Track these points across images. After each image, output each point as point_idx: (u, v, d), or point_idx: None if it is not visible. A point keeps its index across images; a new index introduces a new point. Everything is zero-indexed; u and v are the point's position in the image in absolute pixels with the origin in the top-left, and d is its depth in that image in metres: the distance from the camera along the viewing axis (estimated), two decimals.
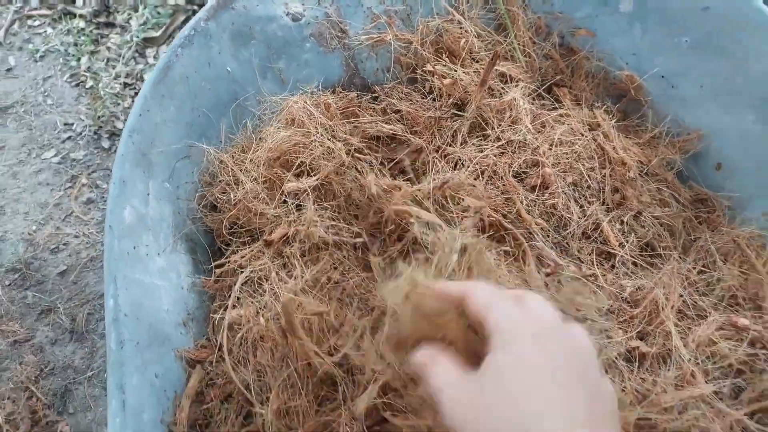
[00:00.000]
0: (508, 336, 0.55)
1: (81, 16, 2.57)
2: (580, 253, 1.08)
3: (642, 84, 1.24)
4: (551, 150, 1.13)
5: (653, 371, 0.95)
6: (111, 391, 0.86)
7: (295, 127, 1.12)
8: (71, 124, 2.35)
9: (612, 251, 1.08)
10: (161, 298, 0.99)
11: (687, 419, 0.87)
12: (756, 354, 0.96)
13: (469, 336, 0.62)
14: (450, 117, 1.19)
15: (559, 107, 1.23)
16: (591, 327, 0.80)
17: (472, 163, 1.10)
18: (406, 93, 1.24)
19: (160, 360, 0.94)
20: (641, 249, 1.11)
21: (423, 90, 1.25)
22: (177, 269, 1.06)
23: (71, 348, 1.89)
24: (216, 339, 1.00)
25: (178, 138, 1.10)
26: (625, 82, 1.25)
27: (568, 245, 1.08)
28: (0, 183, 2.18)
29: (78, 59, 2.49)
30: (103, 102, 2.31)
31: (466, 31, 1.24)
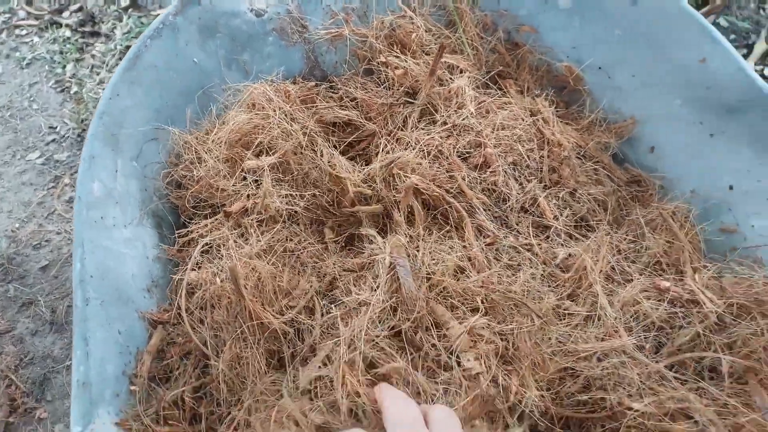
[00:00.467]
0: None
1: (67, 25, 2.66)
2: (518, 226, 1.16)
3: (580, 75, 1.34)
4: (494, 133, 1.22)
5: (582, 329, 1.03)
6: (76, 343, 0.94)
7: (256, 111, 1.20)
8: (55, 127, 2.43)
9: (548, 223, 1.16)
10: (126, 263, 1.07)
11: (605, 367, 0.95)
12: (675, 312, 1.04)
13: None
14: (402, 104, 1.28)
15: (504, 96, 1.32)
16: None
17: (419, 144, 1.19)
18: (362, 83, 1.33)
19: (123, 318, 1.02)
20: (576, 223, 1.20)
21: (378, 80, 1.34)
22: (143, 240, 1.14)
23: (51, 339, 1.95)
24: (178, 304, 1.07)
25: (145, 121, 1.19)
26: (565, 73, 1.35)
27: (507, 218, 1.17)
28: None
29: (63, 66, 2.58)
30: (87, 106, 2.40)
31: (417, 26, 1.33)
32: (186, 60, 1.27)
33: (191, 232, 1.14)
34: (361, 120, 1.26)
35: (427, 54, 1.33)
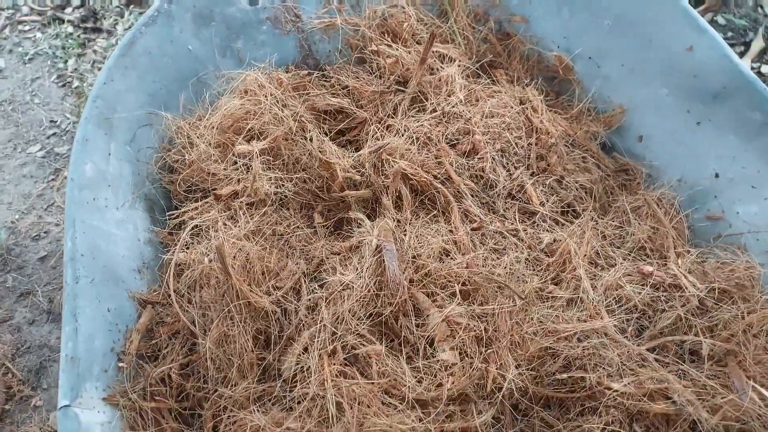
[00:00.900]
0: None
1: (69, 21, 2.69)
2: (505, 211, 1.17)
3: (570, 64, 1.35)
4: (482, 120, 1.23)
5: (564, 311, 1.04)
6: (65, 319, 0.95)
7: (248, 97, 1.22)
8: (56, 121, 2.45)
9: (534, 209, 1.17)
10: (117, 244, 1.09)
11: (586, 347, 0.96)
12: (658, 296, 1.05)
13: None
14: (393, 92, 1.30)
15: (495, 86, 1.33)
16: None
17: (408, 131, 1.21)
18: (354, 72, 1.35)
19: (113, 297, 1.03)
20: (563, 209, 1.21)
21: (370, 69, 1.36)
22: (135, 223, 1.15)
23: (48, 328, 1.97)
24: (167, 284, 1.09)
25: (139, 105, 1.21)
26: (555, 63, 1.37)
27: (494, 204, 1.18)
28: None
29: (65, 61, 2.60)
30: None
31: (409, 16, 1.35)
32: (180, 47, 1.29)
33: (182, 214, 1.15)
34: (353, 107, 1.28)
35: (419, 43, 1.35)
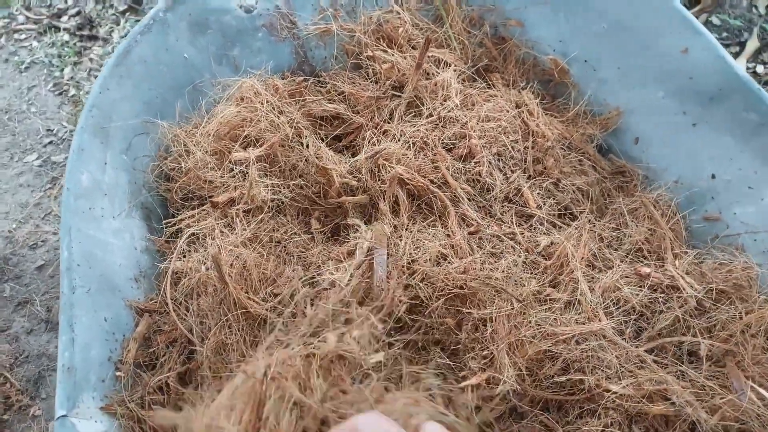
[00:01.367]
0: None
1: (65, 29, 2.69)
2: (502, 215, 1.17)
3: (566, 67, 1.36)
4: (478, 124, 1.23)
5: (562, 314, 1.04)
6: (62, 329, 0.95)
7: (244, 104, 1.22)
8: (53, 130, 2.46)
9: (531, 213, 1.17)
10: (114, 253, 1.08)
11: (584, 350, 0.96)
12: (656, 298, 1.05)
13: None
14: (389, 97, 1.30)
15: (490, 89, 1.33)
16: None
17: (405, 136, 1.21)
18: (350, 77, 1.35)
19: (110, 306, 1.03)
20: (560, 212, 1.21)
21: (366, 74, 1.36)
22: (131, 232, 1.15)
23: (46, 337, 1.96)
24: (164, 292, 1.09)
25: (135, 114, 1.21)
26: (551, 66, 1.37)
27: (491, 208, 1.18)
28: None
29: (62, 70, 2.61)
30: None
31: (404, 21, 1.35)
32: (176, 55, 1.29)
33: (178, 222, 1.15)
34: (349, 113, 1.28)
35: (414, 48, 1.35)
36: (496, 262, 1.08)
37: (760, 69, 2.23)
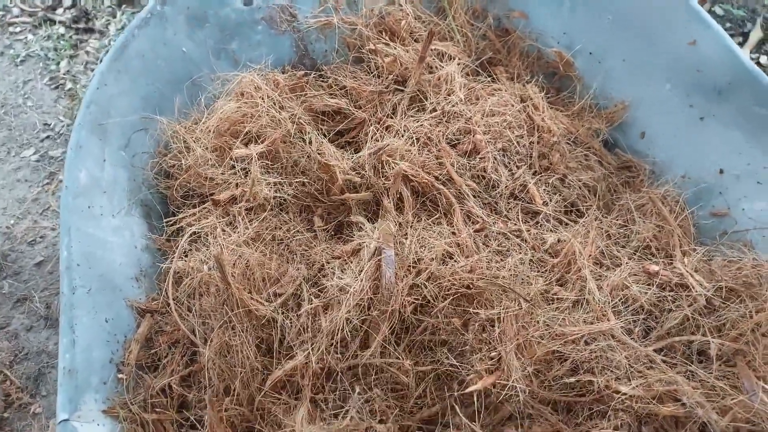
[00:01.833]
0: None
1: (61, 22, 2.66)
2: (508, 212, 1.16)
3: (570, 60, 1.33)
4: (483, 119, 1.21)
5: (570, 313, 1.02)
6: (62, 330, 0.93)
7: (244, 100, 1.20)
8: (50, 124, 2.43)
9: (537, 209, 1.16)
10: (114, 252, 1.07)
11: (593, 350, 0.95)
12: (665, 296, 1.03)
13: None
14: (391, 92, 1.28)
15: (494, 83, 1.31)
16: None
17: (408, 131, 1.19)
18: (351, 71, 1.33)
19: (110, 307, 1.01)
20: (566, 208, 1.19)
21: (368, 68, 1.33)
22: (131, 230, 1.13)
23: (45, 334, 1.95)
24: (166, 292, 1.07)
25: (133, 109, 1.19)
26: (555, 59, 1.35)
27: (497, 204, 1.16)
28: None
29: (57, 63, 2.57)
30: (81, 102, 2.39)
31: (406, 14, 1.33)
32: (174, 49, 1.26)
33: (179, 221, 1.13)
34: (351, 108, 1.26)
35: (417, 41, 1.33)
36: (502, 260, 1.06)
37: (764, 60, 2.21)
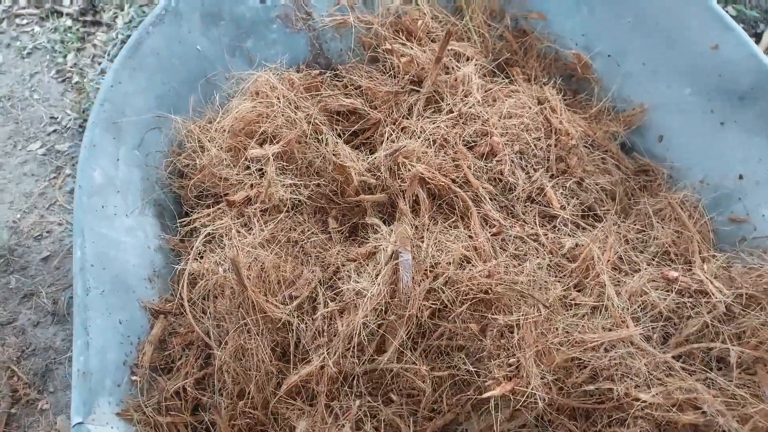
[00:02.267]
0: None
1: (68, 14, 2.64)
2: (525, 215, 1.15)
3: (589, 62, 1.32)
4: (500, 121, 1.20)
5: (589, 320, 1.02)
6: (76, 332, 0.93)
7: (259, 99, 1.19)
8: (57, 117, 2.41)
9: (554, 213, 1.15)
10: (128, 252, 1.06)
11: (612, 358, 0.94)
12: (684, 303, 1.02)
13: None
14: (407, 92, 1.27)
15: (511, 84, 1.30)
16: None
17: (425, 133, 1.17)
18: (367, 71, 1.31)
19: (124, 308, 1.01)
20: (583, 212, 1.18)
21: (383, 68, 1.32)
22: (144, 230, 1.12)
23: (53, 330, 1.94)
24: (180, 294, 1.06)
25: (148, 108, 1.17)
26: (574, 60, 1.33)
27: (513, 208, 1.15)
28: None
29: (64, 56, 2.56)
30: (88, 96, 2.38)
31: (423, 13, 1.32)
32: (189, 47, 1.25)
33: (193, 221, 1.12)
34: (366, 108, 1.25)
35: (434, 41, 1.31)
36: (520, 265, 1.05)
37: None
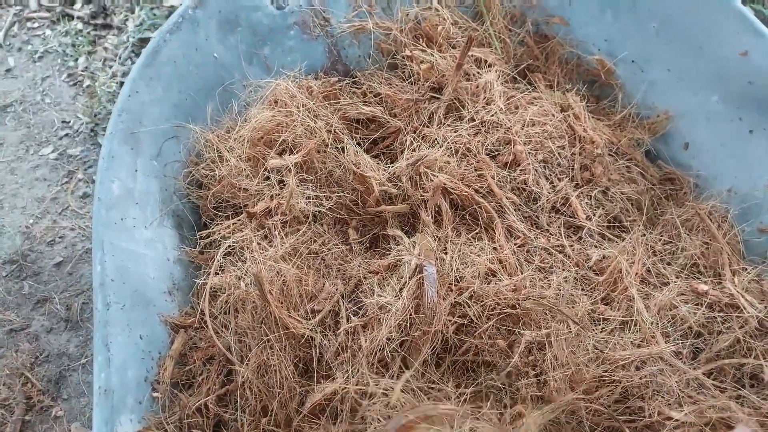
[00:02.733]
0: None
1: (79, 17, 2.63)
2: (549, 226, 1.12)
3: (612, 68, 1.30)
4: (523, 129, 1.18)
5: (618, 335, 0.99)
6: (97, 348, 0.91)
7: (278, 108, 1.17)
8: (68, 121, 2.40)
9: (580, 224, 1.12)
10: (147, 265, 1.04)
11: (643, 376, 0.91)
12: (714, 317, 1.00)
13: None
14: (427, 100, 1.24)
15: (533, 91, 1.28)
16: None
17: (447, 142, 1.15)
18: (386, 78, 1.29)
19: (145, 323, 0.99)
20: (609, 223, 1.16)
21: (402, 75, 1.30)
22: (163, 241, 1.11)
23: (66, 336, 1.93)
24: (200, 307, 1.04)
25: (165, 118, 1.16)
26: (597, 66, 1.31)
27: (538, 218, 1.13)
28: None
29: (76, 59, 2.55)
30: (100, 100, 2.36)
31: (443, 19, 1.29)
32: (206, 55, 1.23)
33: (213, 233, 1.10)
34: (386, 116, 1.22)
35: (454, 47, 1.29)
36: (546, 278, 1.03)
37: None
